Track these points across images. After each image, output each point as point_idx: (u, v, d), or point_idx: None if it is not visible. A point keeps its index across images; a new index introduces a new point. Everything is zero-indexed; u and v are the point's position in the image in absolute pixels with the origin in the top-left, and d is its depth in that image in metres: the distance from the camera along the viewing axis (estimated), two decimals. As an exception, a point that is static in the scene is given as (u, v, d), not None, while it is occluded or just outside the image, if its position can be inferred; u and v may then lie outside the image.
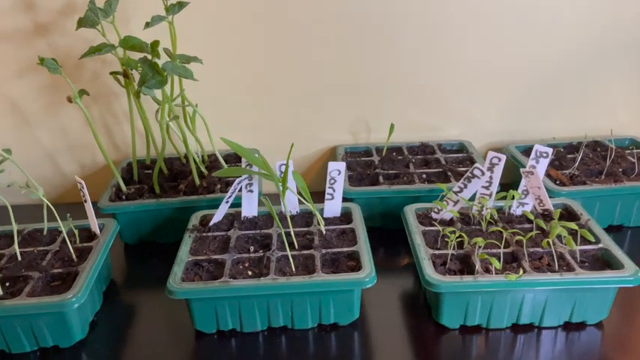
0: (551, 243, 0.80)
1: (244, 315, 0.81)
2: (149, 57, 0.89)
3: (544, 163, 0.93)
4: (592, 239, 0.81)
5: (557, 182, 1.05)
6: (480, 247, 0.81)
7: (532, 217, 0.86)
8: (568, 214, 0.95)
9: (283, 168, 0.92)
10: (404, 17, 1.16)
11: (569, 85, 1.23)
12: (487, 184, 0.92)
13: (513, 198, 0.92)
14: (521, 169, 0.91)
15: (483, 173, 0.90)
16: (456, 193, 0.92)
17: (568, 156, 1.14)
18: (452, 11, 1.15)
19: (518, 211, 0.95)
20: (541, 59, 1.20)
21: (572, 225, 0.82)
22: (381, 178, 1.08)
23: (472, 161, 1.15)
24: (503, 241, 0.83)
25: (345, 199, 1.04)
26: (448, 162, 1.16)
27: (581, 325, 0.82)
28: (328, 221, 0.95)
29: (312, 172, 1.29)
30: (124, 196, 1.04)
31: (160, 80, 0.85)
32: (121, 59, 0.94)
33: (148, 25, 0.94)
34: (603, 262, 0.82)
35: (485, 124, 1.26)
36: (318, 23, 1.15)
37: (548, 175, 1.07)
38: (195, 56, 0.99)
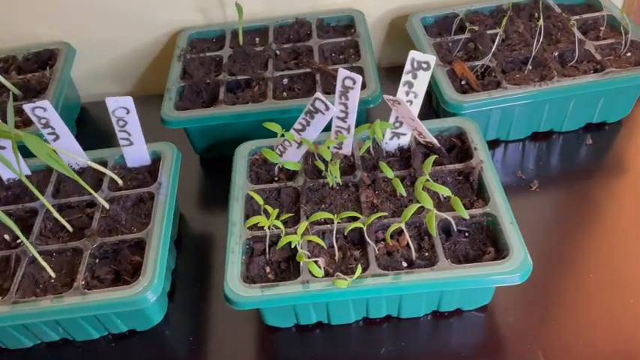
0: (403, 227, 0.55)
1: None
2: None
3: (425, 78, 0.62)
4: (464, 214, 0.55)
5: (464, 83, 0.75)
6: (303, 235, 0.55)
7: (391, 175, 0.59)
8: (461, 145, 0.67)
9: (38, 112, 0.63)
10: None
11: None
12: (343, 115, 0.63)
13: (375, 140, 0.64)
14: (385, 97, 0.61)
15: (328, 108, 0.60)
16: (297, 131, 0.64)
17: (489, 32, 0.81)
18: None
19: (393, 145, 0.68)
20: None
21: (442, 188, 0.55)
22: (222, 92, 0.78)
23: (357, 50, 0.82)
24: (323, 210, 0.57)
25: (172, 129, 0.76)
26: (325, 52, 0.84)
27: (458, 312, 0.62)
28: (131, 176, 0.69)
29: (154, 69, 0.95)
30: None
31: None
32: None
33: None
34: (488, 234, 0.58)
35: (384, -18, 0.90)
36: None
37: (452, 70, 0.76)
38: None
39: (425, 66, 0.61)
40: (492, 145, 0.79)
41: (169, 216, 0.62)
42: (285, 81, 0.79)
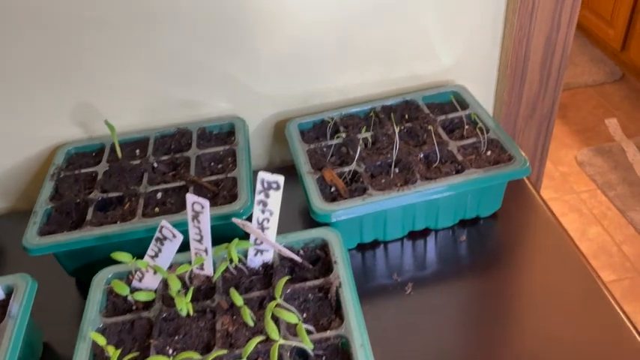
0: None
1: None
2: None
3: (277, 196, 0.62)
4: (308, 344, 0.54)
5: (333, 190, 0.76)
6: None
7: (239, 303, 0.58)
8: (325, 257, 0.67)
9: None
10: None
11: (372, 26, 0.88)
12: (198, 237, 0.63)
13: (232, 261, 0.63)
14: (234, 219, 0.61)
15: (175, 235, 0.60)
16: (151, 257, 0.63)
17: (360, 136, 0.83)
18: None
19: (257, 261, 0.67)
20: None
21: (289, 315, 0.54)
22: (90, 212, 0.76)
23: (234, 159, 0.83)
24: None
25: (36, 256, 0.73)
26: (204, 162, 0.84)
27: None
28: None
29: (31, 189, 0.92)
30: None
31: None
32: None
33: None
34: (343, 357, 0.57)
35: (261, 89, 0.91)
36: None
37: (322, 177, 0.78)
38: None
39: (275, 185, 0.61)
40: (372, 246, 0.79)
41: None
42: (160, 195, 0.78)
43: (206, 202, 0.59)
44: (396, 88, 0.94)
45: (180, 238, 0.59)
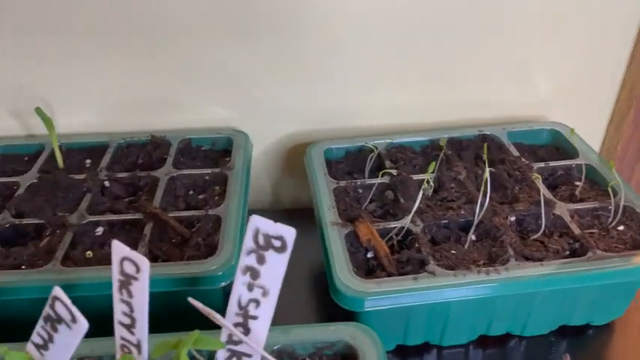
0: None
1: None
2: None
3: (279, 263, 0.34)
4: None
5: (370, 255, 0.48)
6: None
7: None
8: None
9: None
10: None
11: (444, 30, 0.62)
12: (128, 321, 0.35)
13: None
14: (190, 300, 0.33)
15: (75, 320, 0.32)
16: (38, 348, 0.35)
17: (415, 177, 0.55)
18: None
19: (230, 372, 0.39)
20: None
21: None
22: (-14, 243, 0.49)
23: (224, 189, 0.56)
24: None
25: None
26: (178, 188, 0.56)
27: None
28: None
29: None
30: None
31: None
32: None
33: None
34: None
35: (277, 96, 0.64)
36: None
37: (355, 233, 0.50)
38: None
39: (278, 244, 0.34)
40: (419, 351, 0.51)
41: None
42: (100, 230, 0.51)
43: (145, 263, 0.31)
44: (467, 117, 0.67)
45: (83, 326, 0.31)
